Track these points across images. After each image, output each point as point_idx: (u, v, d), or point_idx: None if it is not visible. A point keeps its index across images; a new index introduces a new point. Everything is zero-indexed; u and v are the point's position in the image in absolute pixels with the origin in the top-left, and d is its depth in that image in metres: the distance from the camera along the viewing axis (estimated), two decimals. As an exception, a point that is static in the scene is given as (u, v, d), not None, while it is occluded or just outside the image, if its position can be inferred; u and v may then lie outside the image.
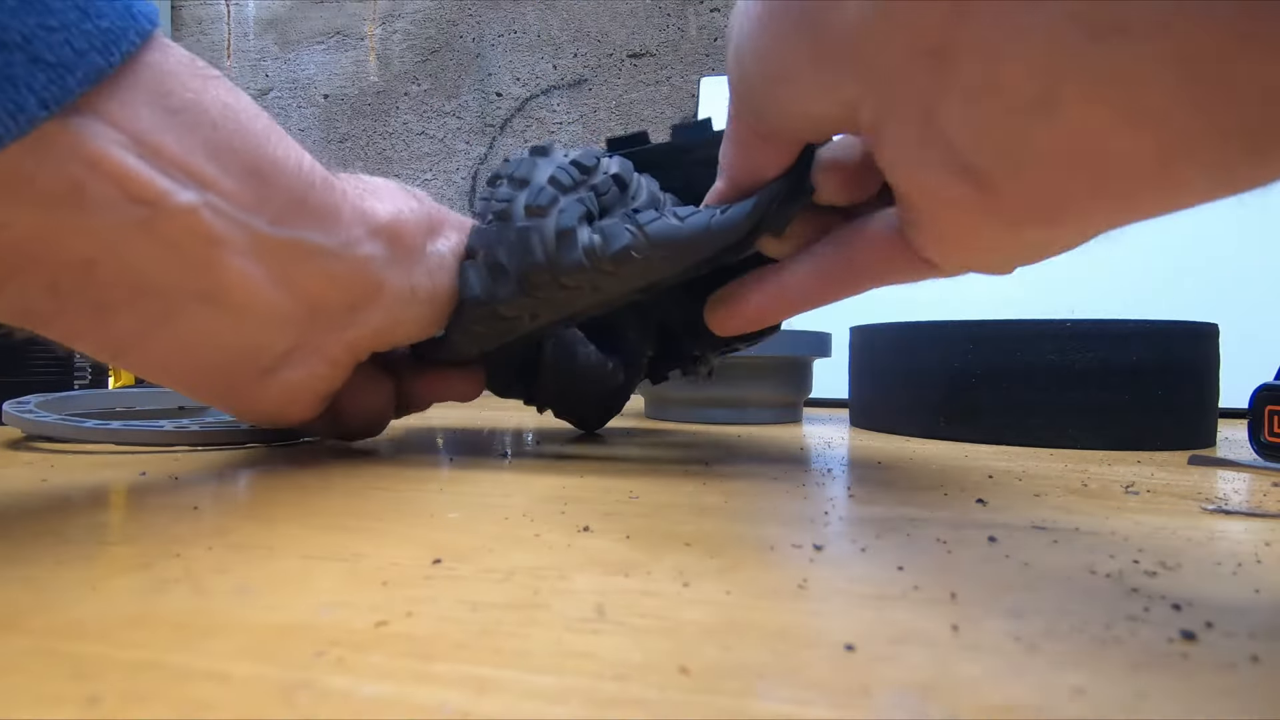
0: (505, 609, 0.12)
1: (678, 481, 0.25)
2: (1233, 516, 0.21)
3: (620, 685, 0.10)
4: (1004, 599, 0.13)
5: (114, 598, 0.13)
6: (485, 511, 0.20)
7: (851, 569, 0.15)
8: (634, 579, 0.14)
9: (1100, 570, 0.15)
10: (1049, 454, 0.36)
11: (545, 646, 0.11)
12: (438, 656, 0.10)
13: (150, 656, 0.10)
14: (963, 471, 0.29)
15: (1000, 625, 0.12)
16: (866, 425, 0.48)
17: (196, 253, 0.20)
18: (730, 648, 0.11)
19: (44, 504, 0.20)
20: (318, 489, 0.23)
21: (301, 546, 0.16)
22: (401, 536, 0.17)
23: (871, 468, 0.30)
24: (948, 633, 0.12)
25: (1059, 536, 0.18)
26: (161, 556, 0.15)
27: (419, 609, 0.12)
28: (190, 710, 0.09)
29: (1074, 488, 0.26)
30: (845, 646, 0.11)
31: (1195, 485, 0.27)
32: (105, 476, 0.25)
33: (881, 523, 0.20)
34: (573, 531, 0.18)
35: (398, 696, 0.09)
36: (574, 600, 0.13)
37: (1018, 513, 0.21)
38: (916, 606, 0.13)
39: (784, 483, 0.25)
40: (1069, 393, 0.38)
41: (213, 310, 0.22)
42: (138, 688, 0.09)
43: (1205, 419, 0.40)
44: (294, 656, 0.10)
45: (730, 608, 0.13)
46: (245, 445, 0.33)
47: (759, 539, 0.17)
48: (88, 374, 0.45)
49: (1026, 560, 0.16)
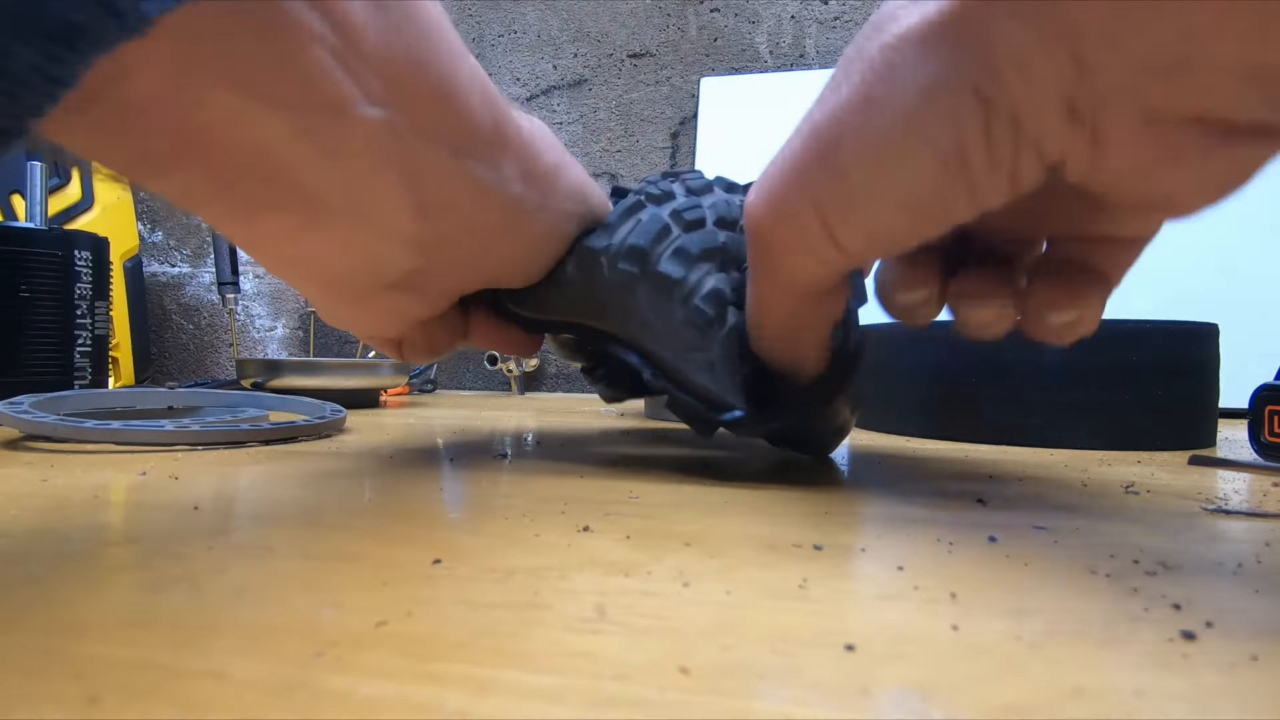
0: (504, 609, 0.12)
1: (678, 481, 0.25)
2: (1233, 516, 0.21)
3: (620, 685, 0.10)
4: (1005, 599, 0.13)
5: (114, 597, 0.13)
6: (485, 511, 0.20)
7: (852, 569, 0.15)
8: (634, 579, 0.14)
9: (1100, 570, 0.15)
10: (1049, 454, 0.36)
11: (545, 646, 0.11)
12: (437, 656, 0.10)
13: (149, 656, 0.10)
14: (963, 471, 0.29)
15: (1001, 625, 0.12)
16: (866, 425, 0.48)
17: (363, 170, 0.19)
18: (730, 648, 0.11)
19: (45, 503, 0.20)
20: (317, 488, 0.23)
21: (301, 546, 0.16)
22: (401, 536, 0.17)
23: (871, 467, 0.30)
24: (948, 632, 0.12)
25: (1059, 536, 0.18)
26: (161, 556, 0.15)
27: (418, 609, 0.12)
28: (189, 710, 0.09)
29: (1074, 487, 0.26)
30: (845, 646, 0.11)
31: (1195, 485, 0.27)
32: (106, 476, 0.25)
33: (881, 522, 0.20)
34: (572, 531, 0.18)
35: (396, 696, 0.09)
36: (574, 600, 0.13)
37: (1018, 512, 0.21)
38: (917, 606, 0.13)
39: (783, 482, 0.25)
40: (1069, 392, 0.38)
41: (358, 226, 0.21)
42: (137, 687, 0.09)
43: (1205, 419, 0.40)
44: (293, 656, 0.10)
45: (730, 608, 0.13)
46: (245, 445, 0.33)
47: (759, 538, 0.17)
48: (88, 374, 0.45)
49: (1027, 560, 0.16)
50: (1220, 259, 0.66)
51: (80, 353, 0.45)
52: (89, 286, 0.45)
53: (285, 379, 0.55)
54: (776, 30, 0.84)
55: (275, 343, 0.98)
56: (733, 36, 0.85)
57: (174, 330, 1.01)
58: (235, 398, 0.44)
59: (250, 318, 0.98)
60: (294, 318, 0.97)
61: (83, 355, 0.45)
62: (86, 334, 0.45)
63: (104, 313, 0.47)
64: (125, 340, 0.75)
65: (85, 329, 0.45)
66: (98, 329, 0.46)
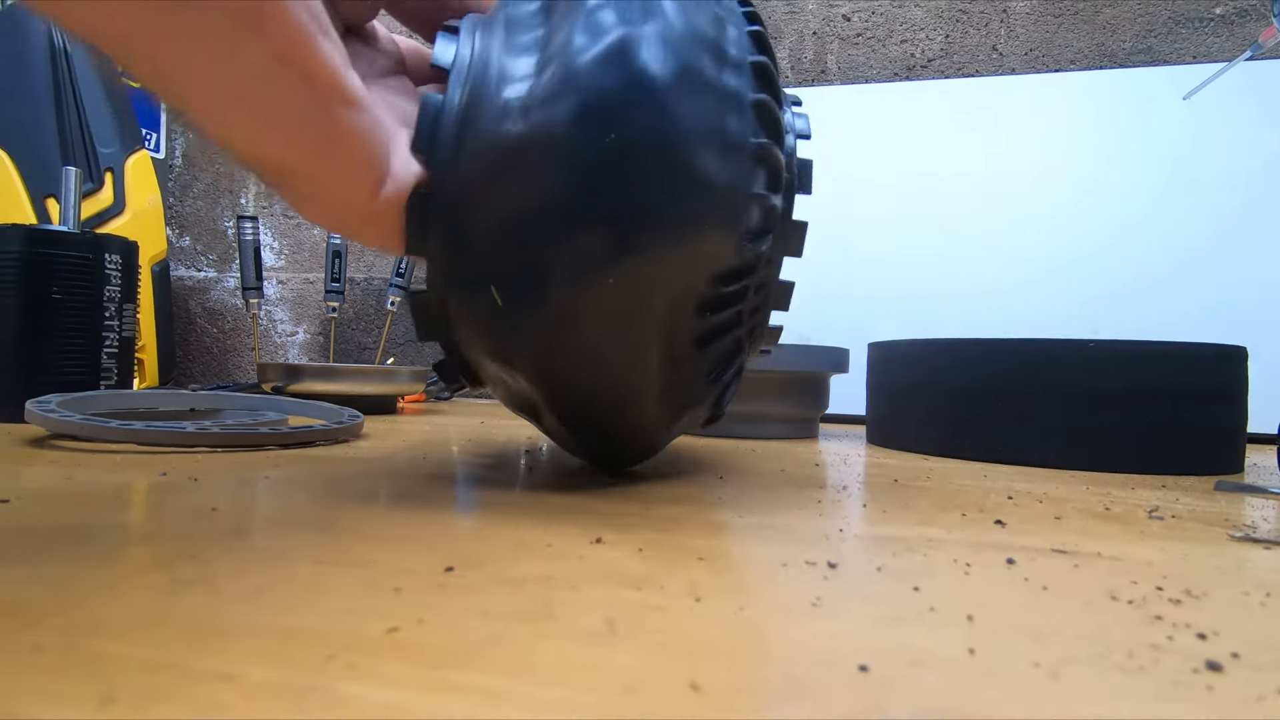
0: (515, 619, 0.12)
1: (692, 495, 0.25)
2: (1261, 545, 0.21)
3: (629, 700, 0.09)
4: (1023, 622, 0.13)
5: (131, 597, 0.13)
6: (499, 520, 0.20)
7: (866, 588, 0.15)
8: (646, 593, 0.14)
9: (1122, 596, 0.15)
10: (1070, 475, 0.35)
11: (554, 659, 0.11)
12: (447, 665, 0.10)
13: (165, 657, 0.10)
14: (982, 492, 0.29)
15: (1019, 649, 0.12)
16: (883, 443, 0.47)
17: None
18: (742, 666, 0.11)
19: (67, 502, 0.21)
20: (333, 493, 0.23)
21: (316, 551, 0.16)
22: (415, 543, 0.17)
23: (888, 486, 0.30)
24: (964, 655, 0.11)
25: (1080, 561, 0.18)
26: (179, 557, 0.15)
27: (430, 617, 0.12)
28: (203, 711, 0.09)
29: (1096, 511, 0.25)
30: (859, 667, 0.11)
31: (1222, 511, 0.26)
32: (127, 477, 0.25)
33: (898, 542, 0.19)
34: (585, 543, 0.18)
35: (406, 703, 0.09)
36: (585, 612, 0.13)
37: (1038, 535, 0.21)
38: (933, 628, 0.13)
39: (798, 499, 0.25)
40: (1091, 414, 0.38)
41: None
42: (152, 688, 0.09)
43: (1233, 444, 0.39)
44: (305, 661, 0.10)
45: (742, 625, 0.12)
46: (263, 447, 0.34)
47: (772, 556, 0.17)
48: (114, 375, 0.46)
49: (1046, 584, 0.16)
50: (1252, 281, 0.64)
51: (107, 354, 0.46)
52: (118, 289, 0.46)
53: (305, 384, 0.55)
54: (799, 46, 0.84)
55: (296, 347, 0.99)
56: (754, 51, 0.85)
57: (198, 333, 1.03)
58: (255, 401, 0.45)
59: (273, 322, 1.00)
60: (315, 323, 0.99)
61: (109, 356, 0.46)
62: (114, 336, 0.46)
63: (131, 315, 0.48)
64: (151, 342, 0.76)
65: (113, 330, 0.46)
66: (125, 331, 0.47)
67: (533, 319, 0.22)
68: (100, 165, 0.70)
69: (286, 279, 1.00)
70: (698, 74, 0.21)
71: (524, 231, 0.21)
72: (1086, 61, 0.76)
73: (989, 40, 0.79)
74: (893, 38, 0.81)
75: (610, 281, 0.21)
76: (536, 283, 0.21)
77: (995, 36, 0.79)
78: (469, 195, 0.21)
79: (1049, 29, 0.77)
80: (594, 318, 0.21)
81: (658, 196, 0.20)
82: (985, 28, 0.79)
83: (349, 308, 0.96)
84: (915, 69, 0.81)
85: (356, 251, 0.91)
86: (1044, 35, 0.77)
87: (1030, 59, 0.77)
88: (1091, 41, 0.76)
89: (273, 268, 1.00)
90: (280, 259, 1.00)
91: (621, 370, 0.23)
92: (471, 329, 0.23)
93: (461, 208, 0.21)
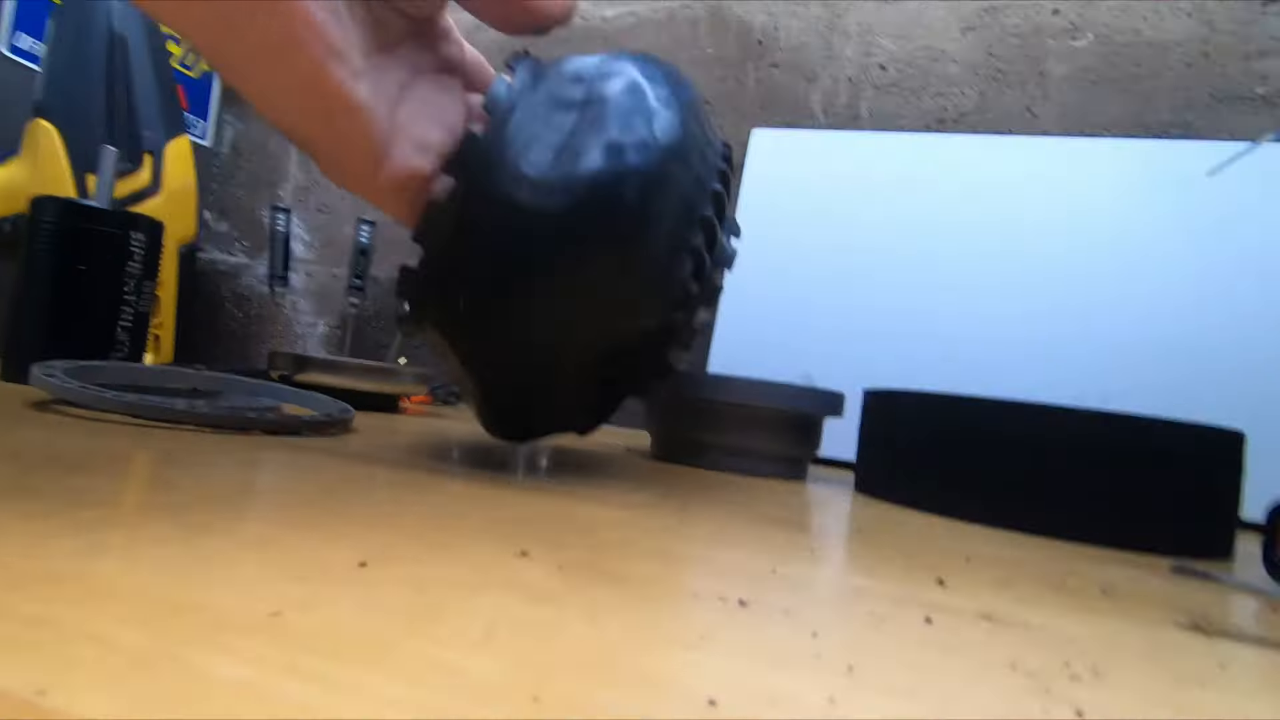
0: (400, 617, 0.13)
1: (645, 519, 0.25)
2: (1201, 634, 0.20)
3: (467, 704, 0.10)
4: (899, 680, 0.13)
5: (51, 556, 0.13)
6: (440, 524, 0.20)
7: (763, 629, 0.15)
8: (541, 608, 0.14)
9: (1022, 667, 0.15)
10: (1048, 543, 0.34)
11: (415, 658, 0.11)
12: (311, 652, 0.11)
13: (48, 613, 0.11)
14: (942, 550, 0.28)
15: (879, 704, 0.12)
16: (871, 491, 0.47)
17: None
18: (591, 685, 0.11)
19: (35, 462, 0.22)
20: (293, 481, 0.24)
21: (244, 532, 0.17)
22: (342, 536, 0.18)
23: (847, 533, 0.29)
24: (823, 703, 0.11)
25: (1000, 629, 0.18)
26: (116, 524, 0.16)
27: (319, 606, 0.13)
28: (53, 666, 0.09)
29: (1051, 581, 0.25)
30: (708, 701, 0.11)
31: (1182, 596, 0.25)
32: (105, 444, 0.26)
33: (823, 587, 0.19)
34: (511, 554, 0.18)
35: (253, 682, 0.10)
36: (471, 619, 0.13)
37: (972, 598, 0.20)
38: (806, 673, 0.13)
39: (749, 535, 0.25)
40: (1077, 483, 0.37)
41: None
42: (16, 640, 0.10)
43: (1223, 529, 0.38)
44: (179, 631, 0.11)
45: (615, 648, 0.13)
46: (249, 432, 0.35)
47: (690, 587, 0.17)
48: (125, 348, 0.48)
49: (950, 647, 0.16)
50: (1253, 366, 0.63)
51: (122, 327, 0.47)
52: (139, 266, 0.48)
53: (310, 374, 0.57)
54: (832, 90, 0.85)
55: (316, 339, 1.02)
56: (788, 92, 0.86)
57: (225, 317, 1.06)
58: (257, 386, 0.46)
59: (296, 313, 1.02)
60: (336, 317, 1.01)
61: (124, 330, 0.48)
62: (130, 310, 0.48)
63: (150, 292, 0.49)
64: (170, 320, 0.79)
65: (130, 305, 0.48)
66: (141, 306, 0.49)
67: (489, 324, 0.28)
68: (141, 148, 0.73)
69: (314, 271, 1.02)
70: (669, 229, 0.28)
71: (500, 273, 0.27)
72: (1121, 129, 0.76)
73: (1024, 100, 0.79)
74: (927, 89, 0.82)
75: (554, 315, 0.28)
76: (503, 303, 0.28)
77: (1031, 97, 0.79)
78: (469, 217, 0.27)
79: (1085, 94, 0.77)
80: (538, 328, 0.28)
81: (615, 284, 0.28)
82: (1021, 88, 0.79)
83: (370, 305, 0.98)
84: (947, 122, 0.81)
85: (383, 250, 0.94)
86: (1079, 99, 0.77)
87: (1064, 122, 0.77)
88: (1127, 110, 0.76)
89: (301, 259, 1.02)
90: (310, 251, 1.03)
91: (540, 370, 0.30)
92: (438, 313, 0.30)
93: (458, 229, 0.27)
